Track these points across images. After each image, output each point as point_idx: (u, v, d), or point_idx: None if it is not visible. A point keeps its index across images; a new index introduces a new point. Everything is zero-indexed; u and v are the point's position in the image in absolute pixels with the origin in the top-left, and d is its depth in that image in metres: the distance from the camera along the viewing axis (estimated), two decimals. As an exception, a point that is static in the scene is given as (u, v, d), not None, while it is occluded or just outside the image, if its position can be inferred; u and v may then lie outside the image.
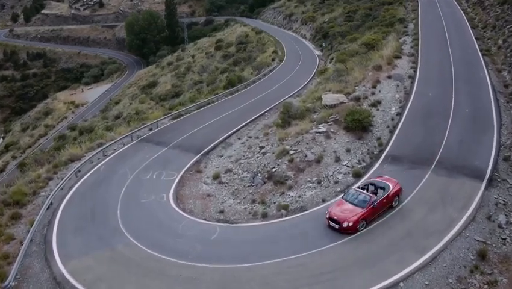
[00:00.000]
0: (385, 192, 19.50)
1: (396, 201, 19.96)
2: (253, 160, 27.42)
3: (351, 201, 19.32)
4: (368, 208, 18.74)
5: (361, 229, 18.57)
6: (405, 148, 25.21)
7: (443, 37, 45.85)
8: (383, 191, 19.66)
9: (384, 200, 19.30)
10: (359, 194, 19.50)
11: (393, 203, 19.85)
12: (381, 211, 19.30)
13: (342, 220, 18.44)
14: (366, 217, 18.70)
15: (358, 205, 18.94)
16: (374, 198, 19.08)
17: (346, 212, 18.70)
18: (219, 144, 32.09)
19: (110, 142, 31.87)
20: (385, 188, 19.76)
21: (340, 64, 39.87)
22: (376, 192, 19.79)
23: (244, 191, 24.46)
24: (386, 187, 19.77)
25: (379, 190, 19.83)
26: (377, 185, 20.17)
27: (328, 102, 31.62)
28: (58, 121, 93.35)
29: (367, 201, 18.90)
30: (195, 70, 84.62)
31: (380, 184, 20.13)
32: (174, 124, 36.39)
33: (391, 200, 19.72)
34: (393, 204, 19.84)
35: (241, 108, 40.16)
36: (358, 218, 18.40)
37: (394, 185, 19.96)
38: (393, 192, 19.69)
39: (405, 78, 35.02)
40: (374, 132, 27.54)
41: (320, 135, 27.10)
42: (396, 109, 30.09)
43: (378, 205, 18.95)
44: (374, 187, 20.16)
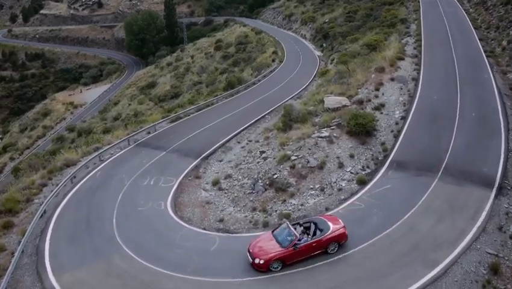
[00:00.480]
0: (319, 236, 17.06)
1: (333, 249, 17.19)
2: (254, 165, 26.58)
3: (276, 236, 17.35)
4: (288, 248, 16.58)
5: (276, 270, 16.53)
6: (410, 153, 24.38)
7: (445, 37, 45.01)
8: (320, 232, 17.30)
9: (314, 244, 16.88)
10: (287, 230, 17.24)
11: (328, 249, 17.15)
12: (308, 255, 16.86)
13: (255, 256, 16.71)
14: (283, 258, 16.56)
15: (280, 242, 16.90)
16: (300, 239, 16.80)
17: (263, 248, 16.91)
18: (219, 148, 31.25)
19: (107, 147, 30.99)
20: (323, 230, 17.28)
21: (342, 66, 39.01)
22: (313, 233, 17.43)
23: (245, 198, 23.62)
24: (325, 230, 17.25)
25: (318, 231, 17.39)
26: (318, 225, 17.63)
27: (330, 105, 30.78)
28: (57, 122, 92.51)
29: (290, 241, 16.75)
30: (194, 70, 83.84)
31: (321, 225, 17.54)
32: (173, 128, 35.53)
33: (325, 246, 17.04)
34: (327, 250, 17.17)
35: (241, 111, 39.32)
36: (271, 258, 16.42)
37: (335, 230, 17.24)
38: (329, 238, 17.01)
39: (408, 80, 34.19)
40: (378, 136, 26.70)
41: (322, 140, 26.25)
42: (400, 113, 29.25)
43: (303, 248, 16.65)
44: (314, 227, 17.68)
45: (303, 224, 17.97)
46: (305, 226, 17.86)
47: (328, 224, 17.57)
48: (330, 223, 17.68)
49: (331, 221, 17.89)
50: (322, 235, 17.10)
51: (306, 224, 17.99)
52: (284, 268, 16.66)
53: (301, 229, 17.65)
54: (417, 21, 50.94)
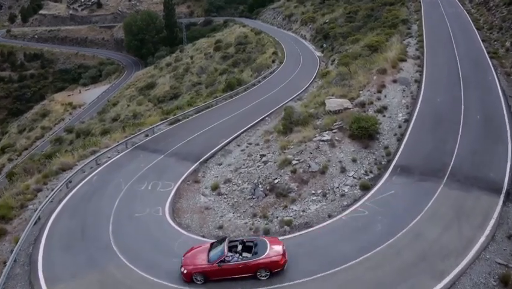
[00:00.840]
0: (248, 259, 16.18)
1: (264, 276, 16.04)
2: (254, 170, 25.92)
3: (211, 249, 16.95)
4: (212, 264, 16.11)
5: (198, 282, 16.16)
6: (414, 158, 23.72)
7: (448, 38, 44.37)
8: (251, 255, 16.37)
9: (241, 266, 16.03)
10: (221, 246, 16.68)
11: (258, 275, 16.04)
12: (234, 276, 16.11)
13: (183, 264, 16.53)
14: (206, 274, 16.11)
15: (209, 257, 16.50)
16: (227, 258, 16.13)
17: (193, 258, 16.66)
18: (218, 151, 30.61)
19: (104, 150, 30.31)
20: (257, 254, 16.28)
21: (343, 67, 38.35)
22: (247, 253, 16.57)
23: (245, 204, 22.96)
24: (258, 254, 16.23)
25: (252, 254, 16.44)
26: (257, 247, 16.62)
27: (332, 108, 30.12)
28: (55, 123, 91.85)
29: (217, 258, 16.23)
30: (194, 71, 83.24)
31: (259, 247, 16.49)
32: (172, 130, 34.87)
33: (253, 271, 16.02)
34: (257, 276, 16.06)
35: (240, 113, 38.67)
36: (192, 270, 16.17)
37: (267, 256, 16.07)
38: (258, 263, 15.94)
39: (411, 82, 33.54)
40: (381, 140, 26.05)
41: (324, 144, 25.59)
42: (403, 116, 28.60)
43: (227, 268, 16.01)
44: (252, 246, 16.76)
45: (246, 243, 17.05)
46: (247, 245, 16.92)
47: (265, 248, 16.43)
48: (269, 247, 16.48)
49: (272, 245, 16.69)
50: (251, 259, 16.20)
51: (249, 243, 17.06)
52: (208, 282, 16.15)
53: (240, 247, 16.81)
54: (418, 22, 50.28)
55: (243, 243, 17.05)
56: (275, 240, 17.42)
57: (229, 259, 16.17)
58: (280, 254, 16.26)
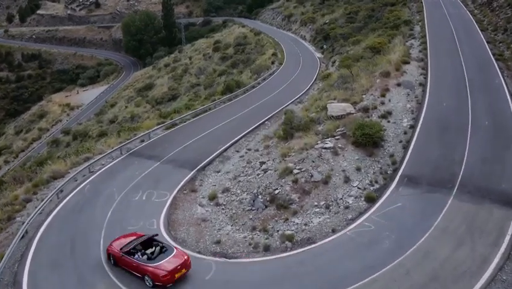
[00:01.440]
0: (140, 260, 16.48)
1: (148, 284, 15.97)
2: (253, 178, 24.71)
3: (136, 238, 17.83)
4: (119, 251, 17.07)
5: (111, 262, 17.42)
6: (421, 167, 22.53)
7: (452, 40, 43.19)
8: (148, 260, 16.49)
9: (135, 264, 16.47)
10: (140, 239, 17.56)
11: (146, 279, 16.08)
12: (129, 270, 16.71)
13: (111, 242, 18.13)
14: (115, 258, 17.29)
15: (125, 243, 17.46)
16: (133, 251, 16.90)
17: (120, 241, 17.91)
18: (216, 157, 29.42)
19: (98, 157, 29.08)
20: (153, 259, 16.39)
21: (345, 70, 37.13)
22: (146, 255, 16.83)
23: (244, 215, 21.76)
24: (155, 260, 16.30)
25: (149, 258, 16.60)
26: (162, 254, 16.70)
27: (334, 113, 28.91)
28: (52, 124, 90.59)
29: (126, 247, 17.13)
30: (192, 72, 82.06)
31: (162, 255, 16.54)
32: (168, 135, 33.66)
33: (142, 274, 16.21)
34: (145, 280, 16.11)
35: (239, 116, 37.49)
36: (110, 250, 17.59)
37: (156, 266, 15.91)
38: (146, 269, 16.03)
39: (415, 86, 32.35)
40: (386, 147, 24.85)
41: (326, 151, 24.39)
42: (409, 122, 27.40)
43: (126, 260, 16.74)
44: (160, 252, 16.88)
45: (163, 247, 17.23)
46: (163, 250, 17.03)
47: (163, 258, 16.31)
48: (166, 259, 16.25)
49: (172, 258, 16.32)
50: (143, 262, 16.43)
51: (164, 248, 17.14)
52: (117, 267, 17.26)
53: (154, 249, 17.16)
54: (421, 23, 49.08)
55: (161, 247, 17.22)
56: (180, 255, 16.67)
57: (131, 253, 16.80)
58: (167, 271, 15.75)
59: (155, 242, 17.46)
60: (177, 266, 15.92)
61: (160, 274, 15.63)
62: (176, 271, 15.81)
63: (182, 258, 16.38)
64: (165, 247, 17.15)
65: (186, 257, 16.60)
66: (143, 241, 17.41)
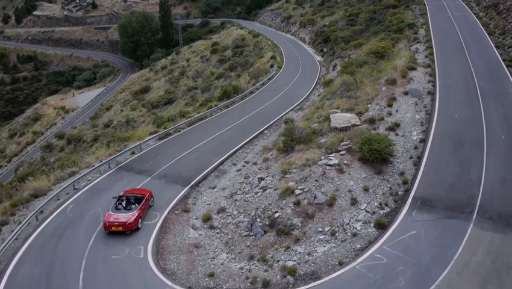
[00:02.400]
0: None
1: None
2: (251, 197, 22.58)
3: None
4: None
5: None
6: (435, 188, 20.37)
7: (458, 44, 41.08)
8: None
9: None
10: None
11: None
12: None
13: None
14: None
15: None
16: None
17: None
18: (211, 171, 27.29)
19: (84, 172, 26.87)
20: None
21: (348, 76, 34.98)
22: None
23: (241, 242, 19.60)
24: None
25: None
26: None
27: (338, 124, 26.74)
28: (47, 128, 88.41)
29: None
30: (189, 74, 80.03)
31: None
32: (161, 146, 31.44)
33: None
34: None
35: (236, 125, 35.35)
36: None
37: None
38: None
39: (423, 94, 30.21)
40: (395, 164, 22.70)
41: (331, 169, 22.23)
42: (418, 135, 25.25)
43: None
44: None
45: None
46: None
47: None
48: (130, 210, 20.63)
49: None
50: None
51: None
52: None
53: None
54: (425, 26, 46.92)
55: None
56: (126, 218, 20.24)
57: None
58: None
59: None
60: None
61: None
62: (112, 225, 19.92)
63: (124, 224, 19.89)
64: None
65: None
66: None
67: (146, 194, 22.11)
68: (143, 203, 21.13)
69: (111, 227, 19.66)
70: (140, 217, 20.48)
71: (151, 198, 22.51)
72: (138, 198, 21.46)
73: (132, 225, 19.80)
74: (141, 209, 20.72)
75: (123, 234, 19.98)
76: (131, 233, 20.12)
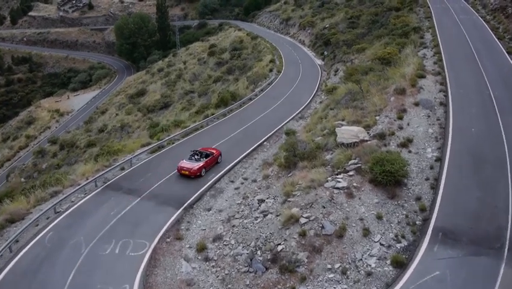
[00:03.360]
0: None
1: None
2: (251, 223, 20.20)
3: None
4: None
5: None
6: (458, 216, 18.00)
7: (468, 50, 38.75)
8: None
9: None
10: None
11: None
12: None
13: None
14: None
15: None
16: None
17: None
18: (207, 190, 24.88)
19: (68, 191, 24.33)
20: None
21: (353, 84, 32.59)
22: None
23: (239, 279, 17.21)
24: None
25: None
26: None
27: (345, 140, 24.32)
28: (41, 132, 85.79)
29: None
30: (186, 77, 77.63)
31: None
32: (153, 161, 28.94)
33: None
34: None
35: (234, 136, 32.91)
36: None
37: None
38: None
39: (435, 105, 27.85)
40: (410, 186, 20.33)
41: (339, 193, 19.83)
42: (433, 152, 22.87)
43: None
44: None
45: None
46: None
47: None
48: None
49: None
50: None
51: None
52: None
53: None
54: (431, 30, 44.56)
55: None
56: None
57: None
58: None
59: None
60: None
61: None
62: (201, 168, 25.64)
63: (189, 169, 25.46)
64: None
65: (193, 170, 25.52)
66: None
67: (215, 152, 27.36)
68: (209, 159, 26.42)
69: (181, 171, 25.57)
70: (204, 168, 25.84)
71: (219, 156, 27.59)
72: (207, 154, 26.73)
73: (195, 172, 25.36)
74: (206, 163, 26.11)
75: (107, 269, 17.55)
76: (116, 268, 17.69)
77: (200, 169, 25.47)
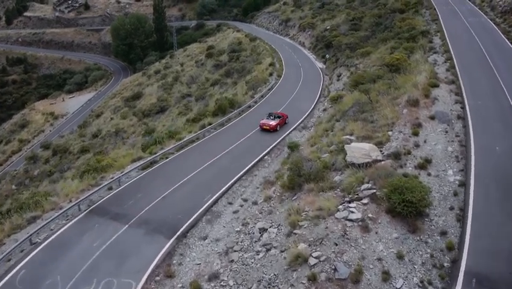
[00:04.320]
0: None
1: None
2: (252, 258, 17.59)
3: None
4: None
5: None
6: (492, 258, 15.34)
7: (480, 55, 36.15)
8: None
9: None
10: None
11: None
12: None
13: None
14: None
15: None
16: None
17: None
18: (203, 215, 22.30)
19: (49, 217, 21.65)
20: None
21: (361, 94, 29.94)
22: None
23: (238, 333, 14.55)
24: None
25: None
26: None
27: (355, 159, 21.64)
28: (34, 135, 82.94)
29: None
30: (183, 80, 74.96)
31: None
32: (145, 178, 26.28)
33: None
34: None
35: (233, 149, 30.30)
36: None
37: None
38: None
39: (452, 119, 25.23)
40: (432, 217, 17.69)
41: (353, 226, 17.16)
42: (456, 175, 20.24)
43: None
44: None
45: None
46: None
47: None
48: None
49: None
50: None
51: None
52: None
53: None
54: (440, 34, 41.92)
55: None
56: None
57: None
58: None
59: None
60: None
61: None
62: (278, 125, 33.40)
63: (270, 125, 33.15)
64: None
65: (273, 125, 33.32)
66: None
67: (284, 116, 34.87)
68: (281, 119, 34.14)
69: (263, 126, 33.07)
70: (279, 125, 33.60)
71: (287, 118, 35.09)
72: (279, 116, 34.44)
73: (274, 127, 33.01)
74: (279, 122, 33.81)
75: None
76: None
77: (276, 125, 33.11)
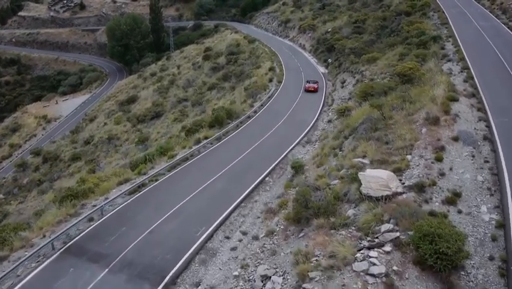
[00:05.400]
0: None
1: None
2: (253, 319, 14.39)
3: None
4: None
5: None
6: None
7: (499, 63, 33.01)
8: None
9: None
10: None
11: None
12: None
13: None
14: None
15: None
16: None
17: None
18: (196, 254, 19.12)
19: (17, 256, 18.45)
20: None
21: (372, 109, 26.75)
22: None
23: None
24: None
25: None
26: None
27: (372, 191, 18.42)
28: (26, 140, 79.64)
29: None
30: (180, 83, 71.90)
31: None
32: (130, 206, 23.07)
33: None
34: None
35: (230, 169, 27.19)
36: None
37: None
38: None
39: (478, 140, 22.10)
40: (469, 270, 14.56)
41: (376, 283, 13.98)
42: (491, 212, 17.09)
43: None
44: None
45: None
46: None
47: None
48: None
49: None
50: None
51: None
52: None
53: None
54: (452, 40, 38.77)
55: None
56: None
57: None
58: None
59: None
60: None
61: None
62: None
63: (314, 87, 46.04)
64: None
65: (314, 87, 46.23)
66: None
67: (317, 81, 47.28)
68: (317, 84, 46.17)
69: (308, 89, 45.41)
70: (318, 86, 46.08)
71: (318, 83, 46.90)
72: (315, 81, 46.73)
73: (316, 88, 45.54)
74: (317, 85, 45.98)
75: None
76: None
77: (317, 87, 45.79)
